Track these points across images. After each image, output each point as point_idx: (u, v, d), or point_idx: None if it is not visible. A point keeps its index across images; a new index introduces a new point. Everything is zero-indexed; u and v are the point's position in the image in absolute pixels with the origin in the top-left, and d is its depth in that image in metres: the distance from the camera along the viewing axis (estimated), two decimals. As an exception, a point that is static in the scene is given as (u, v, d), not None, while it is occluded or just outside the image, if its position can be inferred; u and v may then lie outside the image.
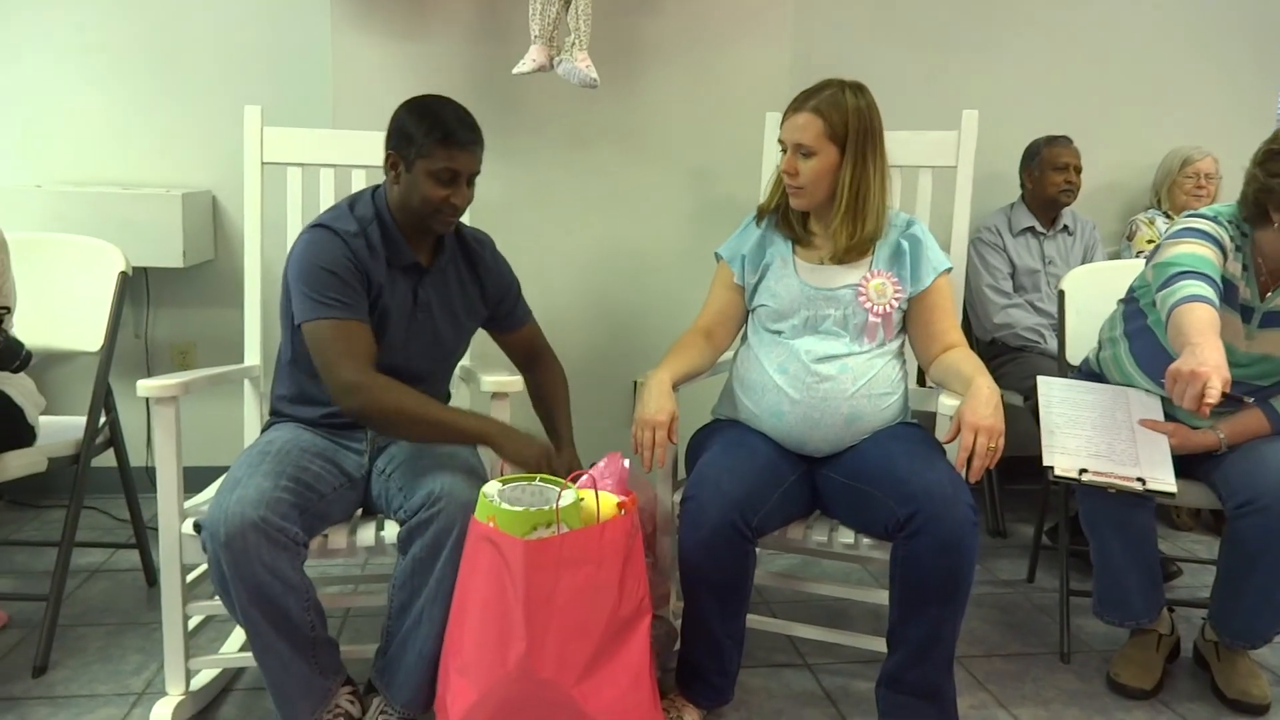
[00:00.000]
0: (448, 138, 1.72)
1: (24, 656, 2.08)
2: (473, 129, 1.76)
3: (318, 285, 1.71)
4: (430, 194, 1.74)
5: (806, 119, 1.84)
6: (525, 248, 2.64)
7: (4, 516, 2.91)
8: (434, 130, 1.72)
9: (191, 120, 2.94)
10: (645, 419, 1.82)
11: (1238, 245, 1.92)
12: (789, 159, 1.87)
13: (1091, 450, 1.88)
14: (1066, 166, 2.98)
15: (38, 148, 2.91)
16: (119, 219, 2.69)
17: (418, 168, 1.74)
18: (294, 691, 1.69)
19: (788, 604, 2.44)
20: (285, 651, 1.65)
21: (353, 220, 1.78)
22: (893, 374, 1.90)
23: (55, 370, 2.94)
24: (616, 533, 1.59)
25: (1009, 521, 3.03)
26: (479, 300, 1.96)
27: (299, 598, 1.63)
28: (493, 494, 1.59)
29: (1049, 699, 2.04)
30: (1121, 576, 2.01)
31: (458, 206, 1.77)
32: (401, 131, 1.75)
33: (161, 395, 1.75)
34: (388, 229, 1.80)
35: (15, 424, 2.05)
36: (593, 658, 1.56)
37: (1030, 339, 2.90)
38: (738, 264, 2.00)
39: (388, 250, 1.79)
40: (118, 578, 2.52)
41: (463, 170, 1.75)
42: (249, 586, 1.57)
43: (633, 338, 2.78)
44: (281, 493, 1.62)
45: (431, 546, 1.65)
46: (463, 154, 1.74)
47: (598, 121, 2.67)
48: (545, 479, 1.68)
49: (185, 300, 3.02)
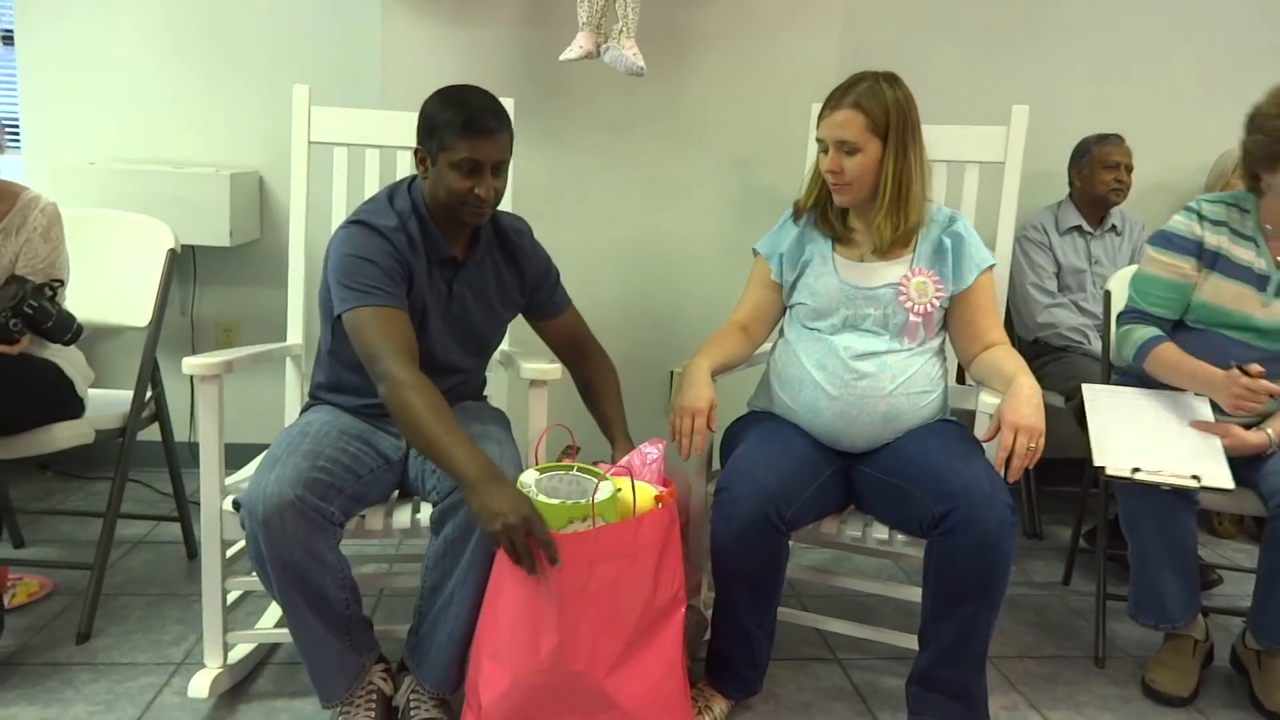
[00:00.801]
0: (467, 127, 1.67)
1: (68, 623, 2.13)
2: (495, 115, 1.70)
3: (356, 275, 1.69)
4: (455, 186, 1.70)
5: (847, 115, 1.81)
6: (566, 235, 2.65)
7: (51, 486, 2.98)
8: (453, 120, 1.67)
9: (241, 101, 2.98)
10: (684, 406, 1.82)
11: (1219, 220, 2.03)
12: (832, 158, 1.84)
13: (1143, 449, 1.87)
14: (1117, 165, 2.92)
15: (92, 126, 2.96)
16: (168, 197, 2.73)
17: (441, 160, 1.70)
18: (329, 668, 1.72)
19: (819, 598, 2.44)
20: (320, 629, 1.67)
21: (392, 214, 1.76)
22: (932, 372, 1.88)
23: (103, 344, 3.00)
24: (653, 527, 1.58)
25: (1045, 523, 2.99)
26: (516, 290, 1.94)
27: (334, 576, 1.65)
28: (530, 484, 1.59)
29: (1082, 703, 2.02)
30: (1159, 579, 1.98)
31: (483, 198, 1.72)
32: (426, 124, 1.72)
33: (206, 373, 1.77)
34: (425, 223, 1.78)
35: (65, 396, 2.10)
36: (625, 649, 1.56)
37: (1074, 339, 2.86)
38: (775, 261, 1.99)
39: (426, 245, 1.78)
40: (159, 550, 2.58)
41: (485, 160, 1.70)
42: (285, 565, 1.59)
43: (671, 328, 2.78)
44: (319, 473, 1.63)
45: (463, 529, 1.66)
46: (484, 143, 1.68)
47: (643, 110, 2.67)
48: (583, 468, 1.66)
49: (230, 279, 3.06)
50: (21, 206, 2.05)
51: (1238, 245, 2.02)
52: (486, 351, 2.00)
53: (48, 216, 2.08)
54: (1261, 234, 2.01)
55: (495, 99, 1.74)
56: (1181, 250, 2.05)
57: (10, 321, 1.95)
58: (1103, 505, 2.31)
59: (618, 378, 2.02)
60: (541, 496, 1.54)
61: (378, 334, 1.65)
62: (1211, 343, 2.02)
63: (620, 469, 1.69)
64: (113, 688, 1.91)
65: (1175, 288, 2.06)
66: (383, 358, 1.63)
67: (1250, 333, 2.00)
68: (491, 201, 1.75)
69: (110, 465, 2.26)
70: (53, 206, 2.10)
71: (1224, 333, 2.02)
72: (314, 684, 1.73)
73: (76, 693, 1.88)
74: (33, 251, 2.05)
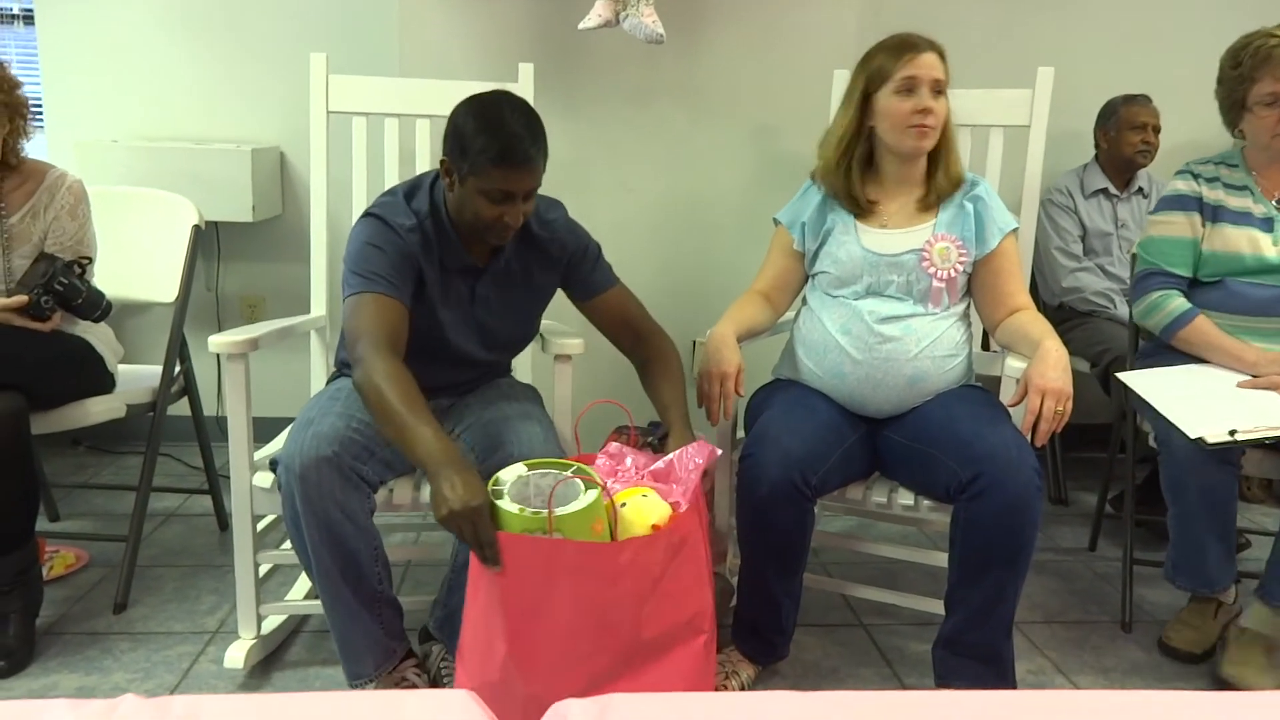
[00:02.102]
0: (502, 157, 1.59)
1: (105, 594, 2.18)
2: (534, 141, 1.62)
3: (364, 263, 1.66)
4: (483, 212, 1.64)
5: (933, 57, 1.83)
6: (586, 205, 2.63)
7: (84, 461, 3.03)
8: (488, 148, 1.58)
9: (261, 76, 2.98)
10: (711, 370, 1.82)
11: (1211, 177, 2.12)
12: (923, 98, 1.81)
13: (1222, 414, 1.86)
14: (1145, 126, 2.88)
15: (114, 103, 2.98)
16: (190, 174, 2.75)
17: (470, 184, 1.63)
18: (359, 643, 1.69)
19: (844, 564, 2.45)
20: (352, 601, 1.65)
21: (409, 214, 1.72)
22: (957, 336, 1.87)
23: (130, 320, 3.03)
24: (645, 555, 1.40)
25: (1071, 489, 2.98)
26: (548, 278, 1.87)
27: (368, 543, 1.63)
28: (506, 481, 1.47)
29: (1109, 667, 2.03)
30: (1201, 543, 1.96)
31: (511, 226, 1.66)
32: (457, 137, 1.63)
33: (231, 351, 1.78)
34: (443, 228, 1.73)
35: (97, 371, 2.13)
36: (598, 682, 1.40)
37: (1099, 304, 2.83)
38: (798, 230, 1.98)
39: (442, 250, 1.73)
40: (191, 522, 2.62)
41: (518, 190, 1.63)
42: (321, 523, 1.57)
43: (694, 297, 2.77)
44: (353, 433, 1.64)
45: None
46: (518, 173, 1.61)
47: (662, 78, 2.65)
48: (584, 470, 1.50)
49: (254, 254, 3.08)
50: (49, 185, 2.07)
51: (1233, 196, 2.10)
52: (515, 347, 1.96)
53: (74, 194, 2.10)
54: (1253, 180, 2.10)
55: (532, 117, 1.64)
56: (1186, 208, 2.11)
57: (42, 299, 1.97)
58: (1130, 471, 2.30)
59: (679, 359, 1.90)
60: (505, 500, 1.42)
61: (365, 319, 1.62)
62: (1230, 293, 2.05)
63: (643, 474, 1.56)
64: (150, 656, 1.95)
65: (1185, 244, 2.11)
66: (361, 341, 1.59)
67: (1267, 274, 2.03)
68: (516, 227, 1.69)
69: (140, 440, 2.29)
70: (79, 184, 2.12)
71: (1240, 280, 2.05)
72: (342, 659, 1.71)
73: (116, 661, 1.93)
74: (61, 229, 2.07)
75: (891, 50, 1.85)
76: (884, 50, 1.86)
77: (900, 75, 1.82)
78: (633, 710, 0.76)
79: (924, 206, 1.90)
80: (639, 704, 0.77)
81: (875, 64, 1.86)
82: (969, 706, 0.86)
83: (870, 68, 1.87)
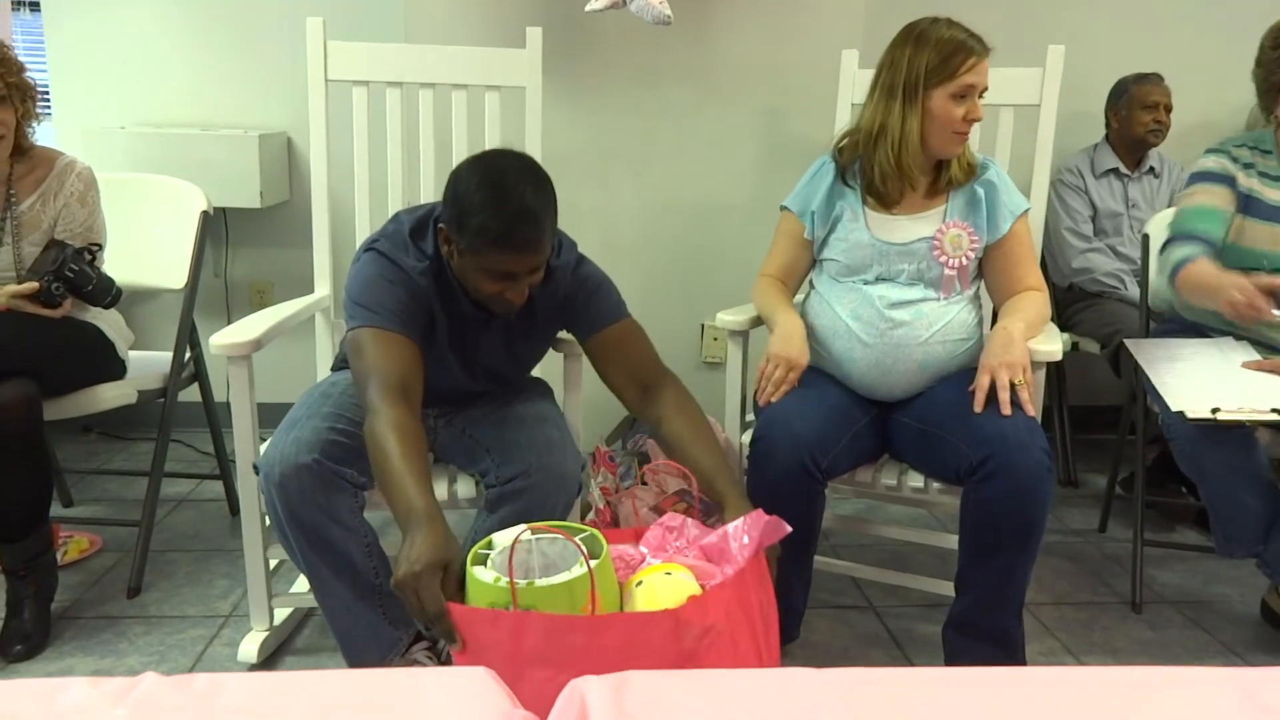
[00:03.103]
0: (503, 241, 1.48)
1: (119, 579, 2.19)
2: (538, 221, 1.50)
3: (370, 294, 1.59)
4: (483, 288, 1.56)
5: (987, 64, 1.79)
6: (592, 187, 2.64)
7: (95, 447, 3.04)
8: (489, 227, 1.48)
9: (268, 62, 2.97)
10: (785, 355, 1.81)
11: (1247, 163, 2.06)
12: (976, 106, 1.79)
13: (1213, 391, 1.85)
14: (1156, 105, 2.86)
15: (121, 90, 2.98)
16: (198, 160, 2.75)
17: (469, 260, 1.54)
18: (360, 638, 1.65)
19: (854, 547, 2.45)
20: (349, 597, 1.61)
21: (419, 254, 1.63)
22: (968, 319, 1.87)
23: (140, 307, 3.04)
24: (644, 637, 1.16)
25: (1081, 471, 2.98)
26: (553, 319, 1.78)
27: (358, 541, 1.59)
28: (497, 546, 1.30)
29: (1119, 648, 2.03)
30: (1242, 508, 1.92)
31: (515, 302, 1.57)
32: (456, 207, 1.52)
33: (234, 354, 1.75)
34: (446, 278, 1.64)
35: (108, 358, 2.14)
36: None
37: (1109, 285, 2.82)
38: (808, 219, 1.95)
39: (442, 297, 1.66)
40: (203, 507, 2.63)
41: (520, 271, 1.53)
42: (305, 529, 1.55)
43: (702, 280, 2.77)
44: (337, 435, 1.59)
45: (523, 513, 1.58)
46: (519, 257, 1.51)
47: (669, 60, 2.64)
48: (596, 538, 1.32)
49: (262, 241, 3.09)
50: (58, 171, 2.08)
51: (1268, 187, 2.03)
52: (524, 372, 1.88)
53: (84, 181, 2.10)
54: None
55: (540, 187, 1.52)
56: (1218, 181, 2.07)
57: (53, 285, 1.98)
58: (1140, 452, 2.30)
59: (705, 419, 1.70)
60: (483, 567, 1.26)
61: (372, 359, 1.54)
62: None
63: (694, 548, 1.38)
64: (164, 639, 1.96)
65: (1218, 213, 2.06)
66: (371, 385, 1.51)
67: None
68: (520, 304, 1.60)
69: (150, 426, 2.30)
70: (88, 170, 2.12)
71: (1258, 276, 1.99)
72: (345, 655, 1.67)
73: (130, 644, 1.94)
74: (70, 216, 2.07)
75: (952, 51, 1.76)
76: (942, 46, 1.77)
77: (962, 80, 1.76)
78: (650, 687, 0.77)
79: (934, 191, 1.88)
80: (656, 680, 0.78)
81: (931, 59, 1.77)
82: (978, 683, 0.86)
83: (926, 62, 1.77)
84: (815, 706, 0.78)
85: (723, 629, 1.20)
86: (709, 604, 1.22)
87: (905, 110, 1.80)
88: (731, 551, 1.34)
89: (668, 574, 1.27)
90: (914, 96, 1.79)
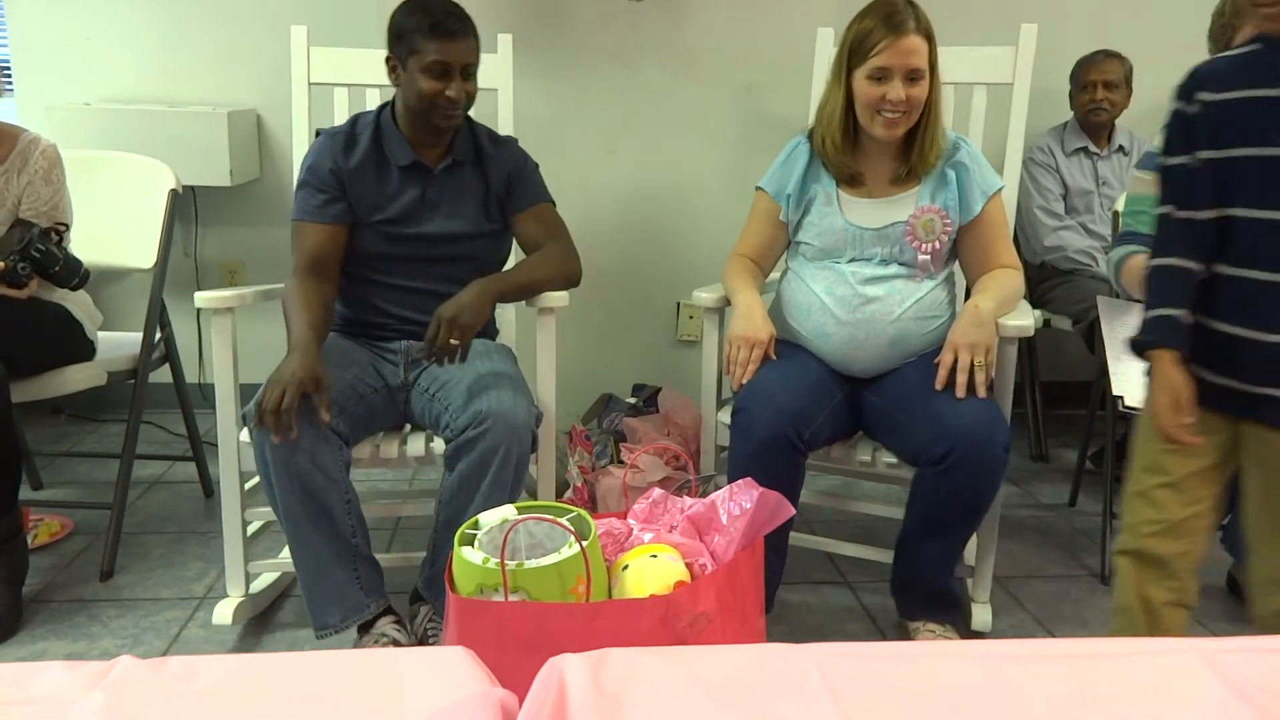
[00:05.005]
0: (434, 29, 1.75)
1: (91, 562, 2.17)
2: (461, 19, 1.79)
3: (299, 196, 1.87)
4: (425, 89, 1.78)
5: (917, 42, 1.74)
6: (566, 165, 2.62)
7: (65, 429, 3.01)
8: (420, 24, 1.75)
9: (237, 37, 2.93)
10: (746, 335, 1.82)
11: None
12: (899, 87, 1.74)
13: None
14: (1095, 84, 2.85)
15: (85, 66, 2.92)
16: (166, 137, 2.70)
17: (411, 65, 1.78)
18: (327, 593, 1.71)
19: (829, 523, 2.47)
20: (325, 552, 1.68)
21: (349, 124, 1.91)
22: (941, 297, 1.88)
23: (108, 287, 2.99)
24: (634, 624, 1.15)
25: (1052, 446, 3.02)
26: (496, 192, 1.94)
27: (340, 495, 1.67)
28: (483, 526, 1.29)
29: (1089, 619, 2.06)
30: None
31: (454, 99, 1.79)
32: (395, 32, 1.80)
33: (218, 307, 1.81)
34: (383, 130, 1.88)
35: (76, 339, 2.11)
36: None
37: (1081, 262, 2.84)
38: (784, 200, 1.94)
39: (381, 148, 1.88)
40: (176, 489, 2.61)
41: (454, 62, 1.77)
42: (290, 473, 1.61)
43: (675, 258, 2.77)
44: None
45: (478, 465, 1.68)
46: (452, 44, 1.76)
47: (644, 37, 2.63)
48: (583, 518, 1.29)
49: (233, 219, 3.05)
50: (22, 149, 2.04)
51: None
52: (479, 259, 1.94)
53: (48, 159, 2.06)
54: None
55: (459, 5, 1.81)
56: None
57: (19, 265, 1.94)
58: (1110, 427, 2.33)
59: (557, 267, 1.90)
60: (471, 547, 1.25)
61: (294, 247, 1.86)
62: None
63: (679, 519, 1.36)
64: (139, 622, 1.95)
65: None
66: (292, 265, 1.85)
67: None
68: (463, 104, 1.82)
69: (120, 407, 2.28)
70: (53, 148, 2.09)
71: None
72: (309, 609, 1.72)
73: (104, 627, 1.93)
74: (35, 194, 2.04)
75: (871, 28, 1.76)
76: (865, 23, 1.77)
77: (873, 63, 1.75)
78: (629, 662, 0.77)
79: (906, 175, 1.87)
80: (635, 657, 0.78)
81: (854, 37, 1.78)
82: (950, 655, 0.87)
83: (850, 40, 1.79)
84: (792, 680, 0.79)
85: (713, 616, 1.22)
86: (701, 590, 1.22)
87: (834, 90, 1.84)
88: (720, 520, 1.34)
89: (653, 556, 1.27)
90: (839, 76, 1.82)
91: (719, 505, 1.36)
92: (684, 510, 1.41)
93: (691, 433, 2.32)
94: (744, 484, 1.36)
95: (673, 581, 1.24)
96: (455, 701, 0.70)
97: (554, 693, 0.74)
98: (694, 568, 1.31)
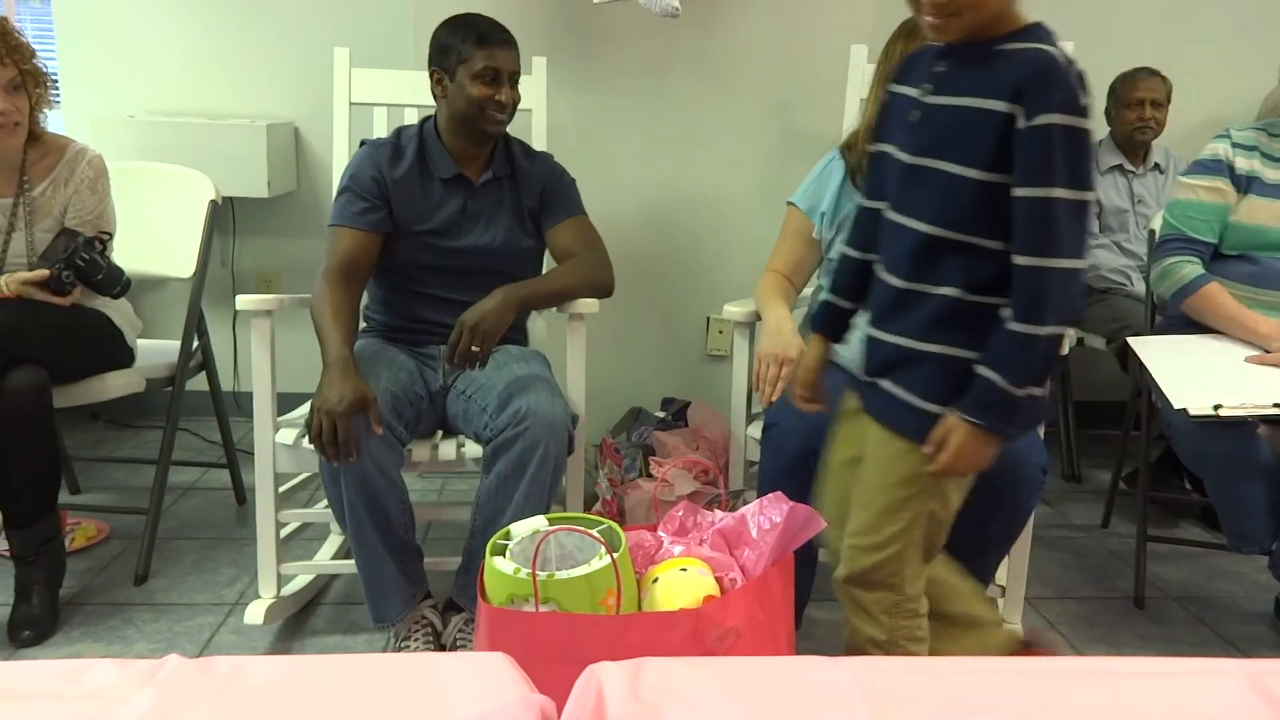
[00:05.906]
0: (483, 39, 1.84)
1: (126, 566, 2.20)
2: (504, 31, 1.89)
3: (340, 195, 1.92)
4: (477, 95, 1.85)
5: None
6: (598, 178, 2.62)
7: (102, 435, 3.05)
8: (469, 35, 1.84)
9: (275, 52, 2.98)
10: (773, 352, 1.81)
11: (1250, 145, 2.06)
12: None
13: (1215, 387, 1.86)
14: (1141, 102, 2.84)
15: (129, 79, 2.98)
16: (206, 149, 2.75)
17: (460, 74, 1.85)
18: (386, 588, 1.78)
19: (857, 541, 2.45)
20: (380, 549, 1.74)
21: (394, 136, 1.97)
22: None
23: (147, 295, 3.04)
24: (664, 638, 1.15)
25: (1085, 466, 2.99)
26: (529, 205, 1.99)
27: (397, 497, 1.73)
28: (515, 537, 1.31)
29: (1121, 642, 2.04)
30: (1249, 500, 1.92)
31: (504, 104, 1.87)
32: (440, 46, 1.88)
33: (258, 309, 1.86)
34: (427, 142, 1.94)
35: (117, 346, 2.15)
36: None
37: (1116, 281, 2.82)
38: (818, 218, 1.95)
39: (425, 160, 1.93)
40: (209, 495, 2.64)
41: (503, 68, 1.86)
42: (357, 480, 1.66)
43: (706, 273, 2.78)
44: (383, 393, 1.71)
45: (516, 465, 1.69)
46: (500, 51, 1.86)
47: (678, 52, 2.64)
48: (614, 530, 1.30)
49: (270, 230, 3.09)
50: (69, 159, 2.08)
51: (1270, 168, 2.05)
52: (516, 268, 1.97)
53: (94, 168, 2.10)
54: None
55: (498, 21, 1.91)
56: (1215, 172, 2.07)
57: (63, 274, 1.98)
58: (1144, 448, 2.31)
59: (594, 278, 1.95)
60: (503, 557, 1.26)
61: (327, 250, 1.90)
62: (1254, 266, 2.03)
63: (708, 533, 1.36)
64: (172, 626, 1.97)
65: (1214, 209, 2.07)
66: (321, 269, 1.87)
67: None
68: (510, 110, 1.91)
69: (157, 414, 2.31)
70: (99, 158, 2.13)
71: (1263, 255, 2.03)
72: (369, 604, 1.80)
73: (138, 631, 1.95)
74: (81, 203, 2.08)
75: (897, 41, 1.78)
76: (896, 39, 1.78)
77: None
78: (665, 672, 0.78)
79: None
80: (671, 666, 0.79)
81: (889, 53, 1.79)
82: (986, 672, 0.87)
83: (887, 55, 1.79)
84: (829, 692, 0.79)
85: (744, 630, 1.21)
86: (731, 604, 1.22)
87: (872, 105, 1.82)
88: (750, 534, 1.34)
89: (683, 570, 1.28)
90: (877, 92, 1.80)
91: (749, 519, 1.37)
92: (714, 524, 1.41)
93: (720, 447, 2.32)
94: (774, 498, 1.36)
95: (702, 595, 1.24)
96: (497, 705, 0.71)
97: (593, 700, 0.75)
98: (724, 582, 1.32)
